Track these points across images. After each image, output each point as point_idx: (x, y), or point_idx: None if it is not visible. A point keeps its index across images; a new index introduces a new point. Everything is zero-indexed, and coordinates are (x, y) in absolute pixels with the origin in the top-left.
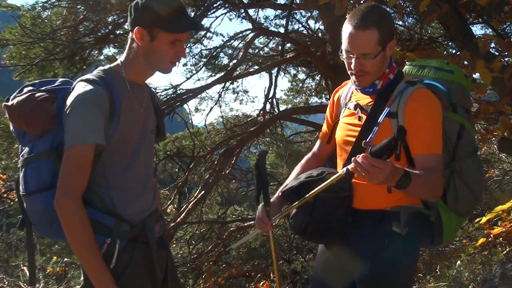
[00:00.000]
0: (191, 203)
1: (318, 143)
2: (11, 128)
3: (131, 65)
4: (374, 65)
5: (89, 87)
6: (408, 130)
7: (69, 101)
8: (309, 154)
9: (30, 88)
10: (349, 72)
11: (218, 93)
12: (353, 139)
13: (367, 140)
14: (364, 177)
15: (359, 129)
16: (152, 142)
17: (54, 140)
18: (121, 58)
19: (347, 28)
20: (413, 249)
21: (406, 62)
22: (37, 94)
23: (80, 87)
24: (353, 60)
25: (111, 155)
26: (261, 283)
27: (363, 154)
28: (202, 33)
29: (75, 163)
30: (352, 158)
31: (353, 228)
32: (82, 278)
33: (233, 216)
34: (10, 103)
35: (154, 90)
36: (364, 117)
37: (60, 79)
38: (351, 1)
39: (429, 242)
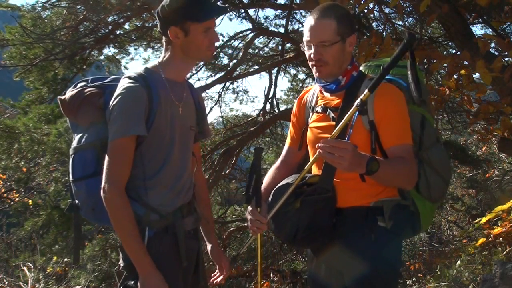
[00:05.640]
0: None
1: (286, 149)
2: (67, 119)
3: (168, 65)
4: (333, 54)
5: (130, 84)
6: (378, 124)
7: (113, 97)
8: (277, 163)
9: (82, 83)
10: (310, 64)
11: (218, 93)
12: None
13: (346, 140)
14: (332, 163)
15: (331, 130)
16: (191, 138)
17: (99, 132)
18: (158, 59)
19: (308, 21)
20: (399, 242)
21: (361, 64)
22: (87, 90)
23: (122, 84)
24: (312, 49)
25: (148, 148)
26: (261, 283)
27: (322, 139)
28: None
29: (118, 155)
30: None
31: (338, 227)
32: (120, 261)
33: (233, 216)
34: (63, 96)
35: (197, 90)
36: (335, 117)
37: (112, 76)
38: (351, 1)
39: (411, 232)
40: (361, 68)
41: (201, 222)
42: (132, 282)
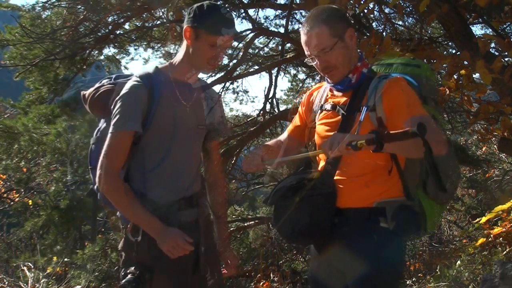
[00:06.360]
0: None
1: (286, 135)
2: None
3: (177, 66)
4: (337, 57)
5: (134, 82)
6: (389, 115)
7: (119, 93)
8: (285, 135)
9: (106, 80)
10: (321, 74)
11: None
12: None
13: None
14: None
15: (338, 127)
16: (197, 137)
17: None
18: (171, 60)
19: (302, 37)
20: (402, 242)
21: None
22: (104, 86)
23: (129, 82)
24: (317, 60)
25: (149, 143)
26: (261, 283)
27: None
28: None
29: (113, 147)
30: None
31: (340, 227)
32: (120, 244)
33: (233, 216)
34: (86, 92)
35: (215, 91)
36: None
37: (133, 74)
38: (351, 1)
39: (414, 233)
40: (373, 67)
41: (214, 219)
42: (133, 268)
